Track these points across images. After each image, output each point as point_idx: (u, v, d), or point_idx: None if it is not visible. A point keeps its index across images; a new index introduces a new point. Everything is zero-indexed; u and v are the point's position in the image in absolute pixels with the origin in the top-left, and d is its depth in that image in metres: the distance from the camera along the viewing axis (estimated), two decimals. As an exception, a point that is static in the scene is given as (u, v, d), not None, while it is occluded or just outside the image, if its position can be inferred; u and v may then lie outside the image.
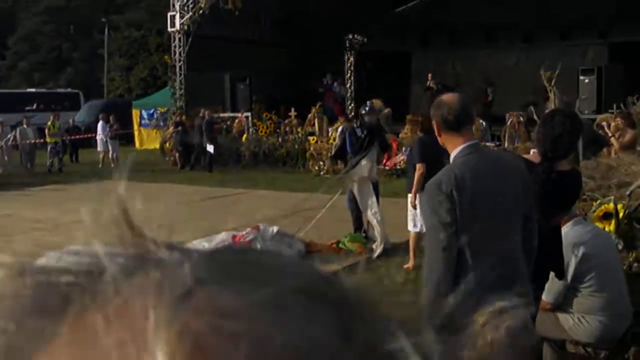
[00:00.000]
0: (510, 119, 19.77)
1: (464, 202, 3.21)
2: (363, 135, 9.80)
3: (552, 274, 4.30)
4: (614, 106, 16.39)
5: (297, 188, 17.56)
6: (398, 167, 19.23)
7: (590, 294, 4.50)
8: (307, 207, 13.76)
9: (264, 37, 27.95)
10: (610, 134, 10.88)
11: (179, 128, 23.16)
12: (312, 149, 21.55)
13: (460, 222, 3.21)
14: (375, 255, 9.46)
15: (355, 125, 10.19)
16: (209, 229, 11.43)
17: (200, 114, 22.85)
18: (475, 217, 3.23)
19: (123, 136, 26.84)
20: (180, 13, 24.78)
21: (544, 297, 4.37)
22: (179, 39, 25.19)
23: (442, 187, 3.23)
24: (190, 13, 24.60)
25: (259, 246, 8.44)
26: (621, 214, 4.97)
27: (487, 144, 19.79)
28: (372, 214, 9.77)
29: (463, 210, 3.21)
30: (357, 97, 34.24)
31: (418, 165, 8.59)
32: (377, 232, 9.69)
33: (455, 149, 3.42)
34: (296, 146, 22.25)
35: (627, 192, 4.99)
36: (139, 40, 46.43)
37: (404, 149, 9.37)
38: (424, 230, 8.75)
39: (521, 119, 19.70)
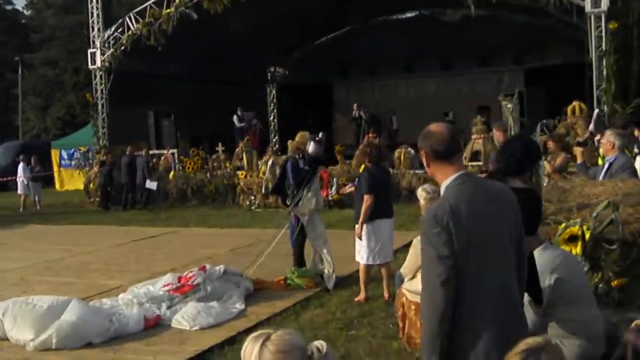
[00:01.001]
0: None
1: (460, 234, 3.15)
2: (306, 167, 9.73)
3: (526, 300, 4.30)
4: (537, 129, 16.87)
5: (230, 224, 17.35)
6: (330, 198, 19.25)
7: (566, 319, 4.52)
8: (247, 243, 13.60)
9: (187, 72, 27.72)
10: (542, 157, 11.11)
11: (103, 167, 22.57)
12: (242, 183, 21.35)
13: (458, 254, 3.14)
14: (331, 286, 9.36)
15: (297, 157, 10.09)
16: (148, 271, 11.15)
17: (127, 152, 22.40)
18: (472, 248, 3.17)
19: (41, 178, 25.99)
20: (101, 50, 24.33)
21: None
22: (100, 76, 24.67)
23: (438, 219, 3.16)
24: (112, 50, 24.17)
25: (209, 288, 8.23)
26: (587, 236, 5.03)
27: (417, 171, 20.06)
28: (322, 245, 9.73)
29: (460, 241, 3.15)
30: (279, 129, 34.33)
31: (366, 197, 8.57)
32: (328, 263, 9.63)
33: (445, 179, 3.36)
34: (225, 181, 22.00)
35: (594, 214, 5.05)
36: (54, 79, 45.42)
37: (356, 180, 9.31)
38: (371, 261, 8.78)
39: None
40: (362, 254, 8.79)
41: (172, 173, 23.16)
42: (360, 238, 8.74)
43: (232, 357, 6.76)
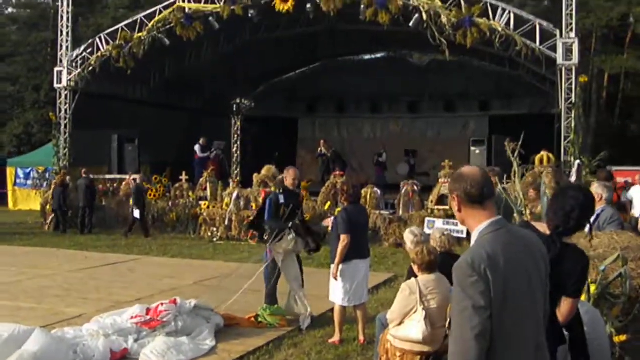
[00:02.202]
0: (405, 187, 19.98)
1: (497, 283, 2.94)
2: (285, 203, 9.42)
3: None
4: (504, 176, 16.93)
5: (193, 255, 16.95)
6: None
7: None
8: (210, 276, 13.26)
9: (153, 97, 27.36)
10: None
11: (58, 189, 21.93)
12: (205, 214, 20.97)
13: (493, 305, 2.93)
14: (304, 327, 9.07)
15: (278, 192, 9.80)
16: (110, 300, 10.74)
17: (84, 174, 21.87)
18: (508, 300, 2.97)
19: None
20: (68, 69, 23.85)
21: None
22: (66, 95, 24.14)
23: (475, 267, 2.95)
24: (79, 70, 23.71)
25: (180, 324, 7.90)
26: (592, 289, 4.89)
27: (382, 212, 19.94)
28: (297, 287, 9.43)
29: (497, 292, 2.94)
30: (242, 161, 34.05)
31: (342, 237, 8.34)
32: (303, 305, 9.33)
33: (479, 225, 3.16)
34: (187, 211, 21.59)
35: (602, 268, 4.91)
36: (13, 96, 44.46)
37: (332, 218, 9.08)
38: (347, 303, 8.53)
39: (415, 187, 19.96)
40: (337, 295, 8.54)
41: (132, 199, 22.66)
42: (335, 278, 8.50)
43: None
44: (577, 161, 16.98)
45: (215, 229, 20.40)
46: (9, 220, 24.32)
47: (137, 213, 20.47)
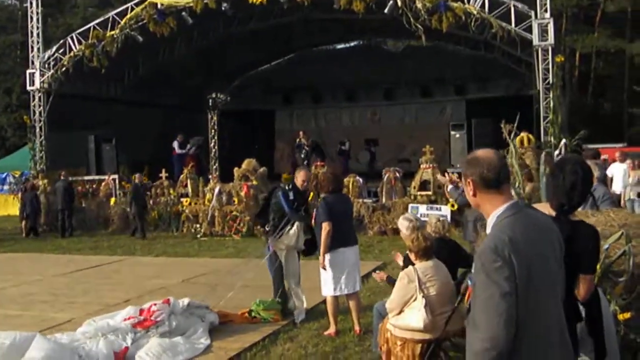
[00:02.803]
0: (387, 175, 19.95)
1: (521, 267, 2.86)
2: (294, 199, 9.39)
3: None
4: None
5: (177, 253, 16.80)
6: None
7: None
8: (198, 273, 13.15)
9: (128, 96, 27.03)
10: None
11: (28, 193, 21.61)
12: (187, 211, 20.80)
13: (518, 290, 2.86)
14: (299, 320, 9.02)
15: (287, 187, 9.69)
16: (99, 302, 10.58)
17: (62, 176, 21.59)
18: (530, 283, 2.89)
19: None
20: (40, 71, 23.50)
21: None
22: (39, 97, 23.79)
23: (499, 252, 2.86)
24: (52, 71, 23.37)
25: (174, 323, 7.78)
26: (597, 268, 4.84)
27: (365, 200, 19.90)
28: (295, 284, 9.37)
29: (520, 276, 2.87)
30: (220, 156, 33.81)
31: (324, 225, 8.27)
32: (299, 300, 9.30)
33: (495, 209, 3.08)
34: (168, 209, 21.41)
35: (605, 246, 4.87)
36: (-16, 101, 43.94)
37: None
38: (339, 292, 8.46)
39: (397, 174, 19.93)
40: (327, 286, 8.46)
41: (113, 199, 22.45)
42: (324, 268, 8.42)
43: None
44: (564, 140, 17.02)
45: (198, 226, 20.26)
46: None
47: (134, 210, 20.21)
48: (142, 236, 19.73)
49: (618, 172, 17.19)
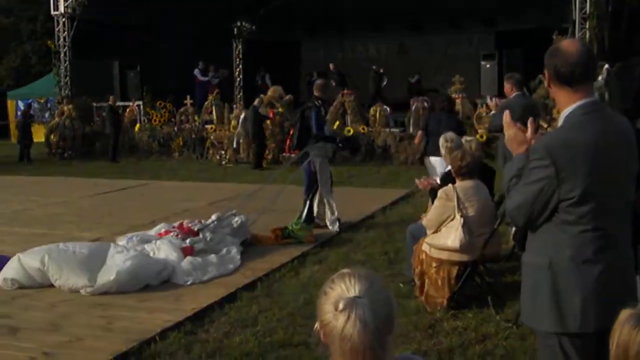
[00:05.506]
0: (415, 104, 19.59)
1: (570, 170, 2.74)
2: (325, 113, 9.68)
3: None
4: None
5: (203, 178, 16.71)
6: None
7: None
8: (224, 197, 13.04)
9: (153, 24, 26.57)
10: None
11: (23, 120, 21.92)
12: (212, 137, 20.64)
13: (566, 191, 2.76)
14: (335, 229, 9.46)
15: (317, 104, 9.59)
16: (124, 223, 10.52)
17: (110, 101, 21.42)
18: (587, 186, 2.73)
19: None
20: (64, -5, 23.14)
21: None
22: (64, 22, 23.44)
23: (549, 150, 2.78)
24: (76, -5, 22.99)
25: (208, 235, 7.73)
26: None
27: (393, 130, 19.62)
28: (326, 192, 9.60)
29: (576, 177, 2.73)
30: (244, 85, 33.42)
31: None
32: (331, 208, 9.55)
33: (567, 107, 2.86)
34: (193, 135, 21.27)
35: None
36: (9, 28, 43.42)
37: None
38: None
39: (425, 104, 19.56)
40: None
41: (137, 126, 22.33)
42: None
43: (234, 315, 6.24)
44: (606, 65, 16.48)
45: (223, 152, 20.10)
46: (12, 153, 23.98)
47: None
48: (112, 158, 20.49)
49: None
